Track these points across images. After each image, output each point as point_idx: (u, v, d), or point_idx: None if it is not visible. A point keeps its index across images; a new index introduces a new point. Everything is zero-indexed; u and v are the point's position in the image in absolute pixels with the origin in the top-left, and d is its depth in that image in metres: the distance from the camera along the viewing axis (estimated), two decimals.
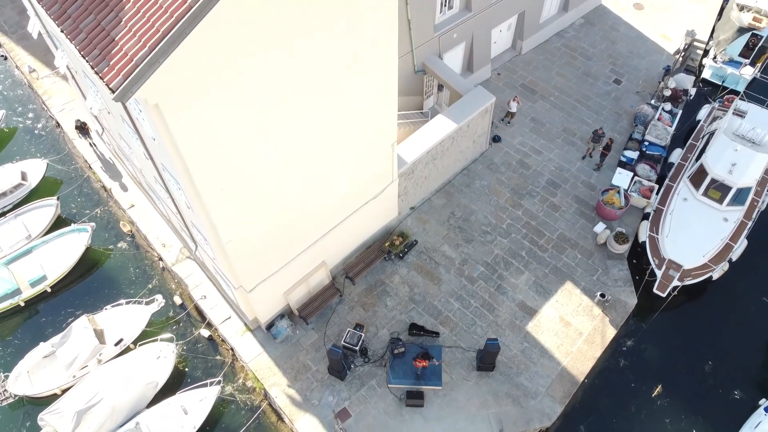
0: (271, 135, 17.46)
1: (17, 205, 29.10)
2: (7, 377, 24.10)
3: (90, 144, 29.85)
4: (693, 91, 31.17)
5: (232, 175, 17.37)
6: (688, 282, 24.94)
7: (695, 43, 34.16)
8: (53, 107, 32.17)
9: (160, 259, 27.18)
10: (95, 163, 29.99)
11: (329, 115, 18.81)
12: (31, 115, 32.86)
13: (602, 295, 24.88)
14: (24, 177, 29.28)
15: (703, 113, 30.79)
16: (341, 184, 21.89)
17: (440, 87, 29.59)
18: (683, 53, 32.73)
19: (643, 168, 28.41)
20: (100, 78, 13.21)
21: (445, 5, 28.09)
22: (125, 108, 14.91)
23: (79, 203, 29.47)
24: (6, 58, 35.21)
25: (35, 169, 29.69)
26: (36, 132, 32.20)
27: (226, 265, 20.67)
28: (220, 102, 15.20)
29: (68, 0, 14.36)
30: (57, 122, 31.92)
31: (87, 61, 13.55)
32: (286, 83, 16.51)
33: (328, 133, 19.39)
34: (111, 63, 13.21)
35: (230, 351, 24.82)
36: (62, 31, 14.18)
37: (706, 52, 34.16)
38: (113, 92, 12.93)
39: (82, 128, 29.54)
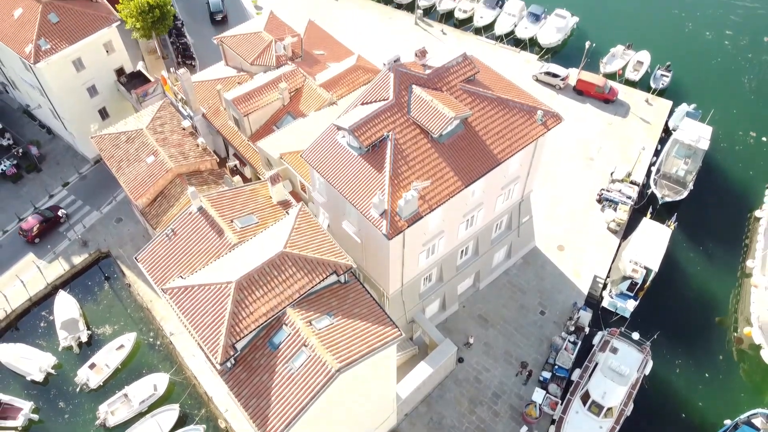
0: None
1: (151, 407, 44.90)
2: None
3: None
4: (587, 330, 47.48)
5: None
6: None
7: (597, 279, 50.68)
8: (167, 329, 48.30)
9: None
10: (200, 375, 45.95)
11: (359, 414, 35.06)
12: (151, 334, 49.06)
13: None
14: (155, 388, 45.18)
15: (596, 339, 46.93)
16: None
17: None
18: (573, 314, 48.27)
19: (552, 387, 44.45)
20: None
21: (427, 279, 44.57)
22: None
23: (190, 405, 45.33)
24: (130, 286, 51.55)
25: (161, 381, 45.66)
26: (156, 348, 48.32)
27: None
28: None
29: (242, 385, 30.54)
30: (170, 341, 48.00)
31: (254, 425, 29.61)
32: (338, 411, 32.72)
33: (359, 419, 35.59)
34: (266, 429, 29.33)
35: None
36: (238, 402, 30.29)
37: (605, 286, 50.56)
38: None
39: None
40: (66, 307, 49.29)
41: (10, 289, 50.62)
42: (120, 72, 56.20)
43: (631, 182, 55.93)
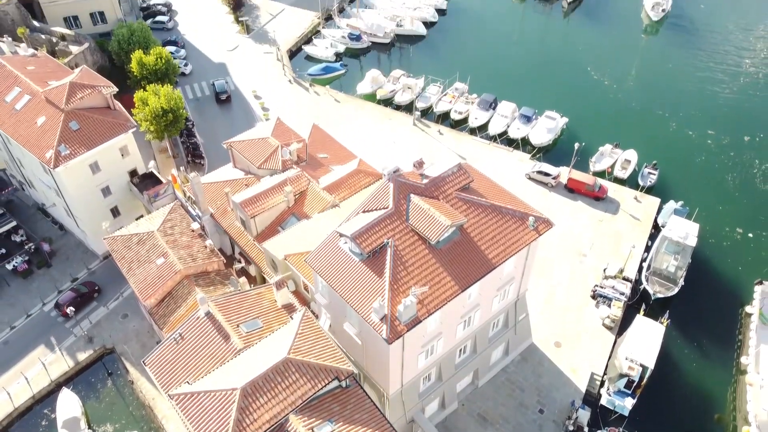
0: None
1: None
2: None
3: None
4: (587, 429, 47.75)
5: None
6: None
7: (595, 376, 51.33)
8: (169, 429, 48.48)
9: None
10: None
11: None
12: None
13: None
14: None
15: None
16: None
17: None
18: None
19: None
20: None
21: (426, 379, 45.32)
22: None
23: None
24: (133, 383, 52.09)
25: None
26: None
27: None
28: None
29: None
30: None
31: None
32: None
33: None
34: None
35: None
36: None
37: (602, 383, 51.15)
38: None
39: None
40: (68, 405, 49.62)
41: (15, 386, 51.17)
42: (133, 173, 59.14)
43: (624, 278, 57.59)
